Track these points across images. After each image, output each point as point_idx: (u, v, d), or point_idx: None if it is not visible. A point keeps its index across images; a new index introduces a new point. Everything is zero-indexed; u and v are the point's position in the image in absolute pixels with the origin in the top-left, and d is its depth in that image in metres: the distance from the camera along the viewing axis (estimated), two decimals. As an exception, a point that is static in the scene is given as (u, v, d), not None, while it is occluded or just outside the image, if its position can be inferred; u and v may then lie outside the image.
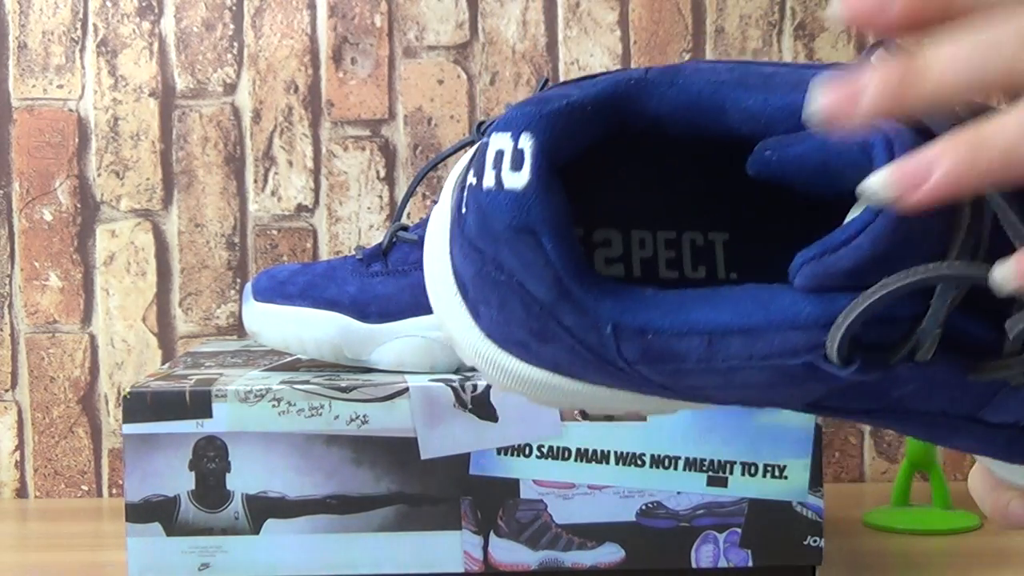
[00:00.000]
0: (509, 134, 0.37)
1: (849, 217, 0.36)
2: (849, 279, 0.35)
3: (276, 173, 1.12)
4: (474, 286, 0.39)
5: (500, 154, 0.37)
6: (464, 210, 0.38)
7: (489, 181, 0.37)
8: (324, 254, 1.12)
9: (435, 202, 0.89)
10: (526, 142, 0.36)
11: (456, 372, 0.83)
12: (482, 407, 0.77)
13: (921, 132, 0.35)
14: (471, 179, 0.38)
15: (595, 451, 0.78)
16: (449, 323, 0.41)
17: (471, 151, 0.40)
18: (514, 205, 0.36)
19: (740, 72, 0.38)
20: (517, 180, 0.36)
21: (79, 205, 1.11)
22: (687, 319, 0.36)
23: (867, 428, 1.13)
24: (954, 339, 0.36)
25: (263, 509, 0.78)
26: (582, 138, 0.37)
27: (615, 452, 0.78)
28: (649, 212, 0.42)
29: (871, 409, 0.38)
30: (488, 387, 0.77)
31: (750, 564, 0.78)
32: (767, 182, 0.38)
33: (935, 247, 0.35)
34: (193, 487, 0.78)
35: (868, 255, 0.34)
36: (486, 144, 0.37)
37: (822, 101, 0.33)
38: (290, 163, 1.12)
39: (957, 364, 0.36)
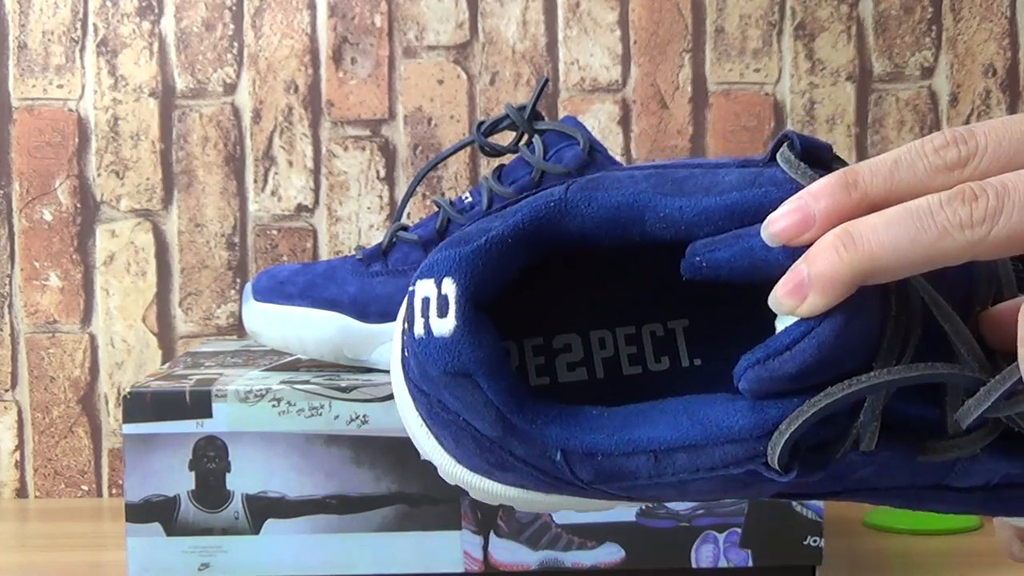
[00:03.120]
0: (432, 280, 0.37)
1: (779, 322, 0.37)
2: (792, 383, 0.35)
3: (276, 173, 1.12)
4: (430, 421, 0.39)
5: (426, 301, 0.37)
6: (405, 354, 0.39)
7: (419, 329, 0.37)
8: (324, 254, 1.12)
9: (435, 202, 0.89)
10: (449, 287, 0.37)
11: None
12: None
13: None
14: (404, 326, 0.38)
15: (595, 451, 0.78)
16: (423, 447, 0.41)
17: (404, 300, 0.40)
18: (444, 351, 0.37)
19: (656, 179, 0.38)
20: (444, 326, 0.37)
21: (79, 205, 1.11)
22: (631, 439, 0.37)
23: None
24: (897, 423, 0.36)
25: (263, 509, 0.78)
26: (507, 270, 0.38)
27: (615, 452, 0.78)
28: (605, 310, 0.42)
29: (837, 491, 0.39)
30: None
31: (750, 564, 0.78)
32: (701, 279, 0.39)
33: (871, 347, 0.35)
34: (193, 487, 0.78)
35: (813, 360, 0.35)
36: (412, 292, 0.38)
37: (780, 297, 0.36)
38: (290, 163, 1.12)
39: (904, 448, 0.37)
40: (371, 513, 0.78)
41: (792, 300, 0.35)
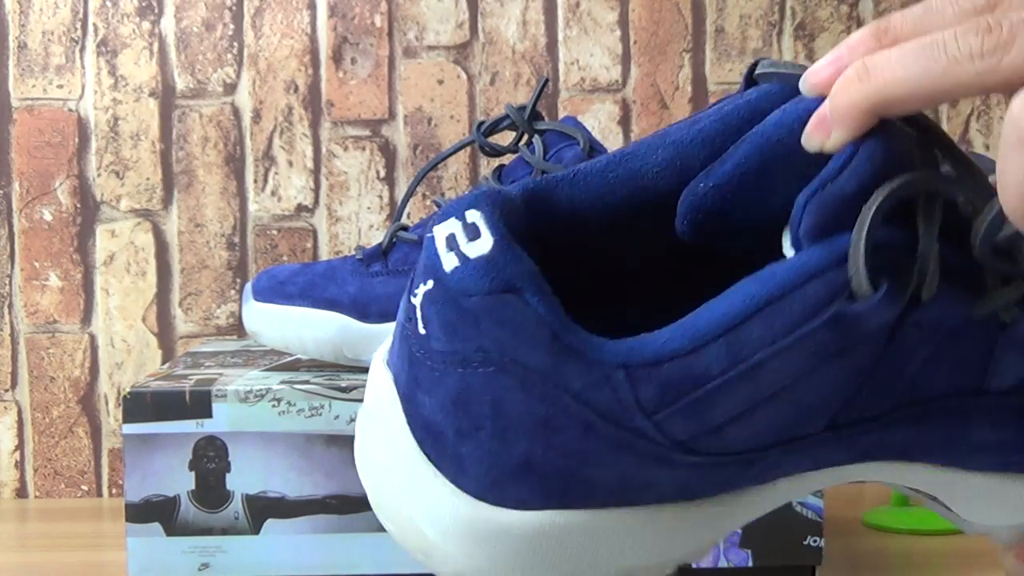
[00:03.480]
0: (452, 218, 0.35)
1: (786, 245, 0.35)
2: (853, 203, 0.34)
3: (276, 173, 1.12)
4: (456, 415, 0.34)
5: (451, 237, 0.34)
6: (423, 331, 0.35)
7: (450, 263, 0.34)
8: (324, 254, 1.12)
9: (435, 202, 0.89)
10: (474, 215, 0.35)
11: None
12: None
13: None
14: (420, 290, 0.35)
15: (595, 451, 0.78)
16: (418, 510, 0.36)
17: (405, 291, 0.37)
18: (487, 268, 0.34)
19: (639, 143, 0.38)
20: (481, 246, 0.34)
21: (79, 205, 1.11)
22: (697, 327, 0.34)
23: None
24: (949, 273, 0.35)
25: (263, 509, 0.78)
26: (517, 224, 0.36)
27: (615, 452, 0.78)
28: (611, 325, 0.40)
29: (891, 411, 0.37)
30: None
31: (750, 564, 0.78)
32: (704, 234, 0.37)
33: (917, 163, 0.35)
34: (193, 487, 0.78)
35: (868, 173, 0.34)
36: (431, 239, 0.35)
37: (807, 134, 0.36)
38: (290, 163, 1.12)
39: (960, 299, 0.35)
40: (371, 513, 0.78)
41: (818, 134, 0.36)
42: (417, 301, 0.35)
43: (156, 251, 1.12)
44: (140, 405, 0.77)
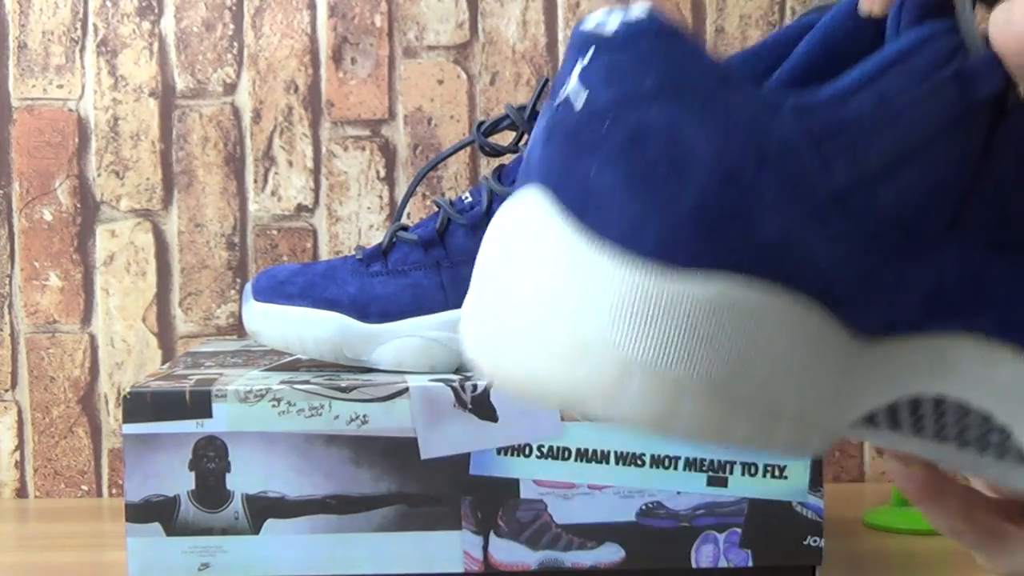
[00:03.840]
0: (596, 15, 0.35)
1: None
2: None
3: (276, 173, 1.12)
4: (628, 157, 0.33)
5: (602, 20, 0.35)
6: (585, 102, 0.34)
7: (610, 27, 0.34)
8: (324, 254, 1.12)
9: (435, 202, 0.89)
10: (619, 11, 0.35)
11: (456, 372, 0.83)
12: (482, 407, 0.77)
13: None
14: (572, 76, 0.35)
15: (595, 451, 0.78)
16: (575, 301, 0.33)
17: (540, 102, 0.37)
18: (651, 19, 0.34)
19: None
20: (637, 11, 0.34)
21: (79, 205, 1.11)
22: (845, 82, 0.35)
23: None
24: None
25: (263, 509, 0.78)
26: None
27: (615, 452, 0.78)
28: None
29: (995, 226, 0.36)
30: (488, 387, 0.77)
31: (750, 564, 0.78)
32: None
33: None
34: (193, 487, 0.78)
35: None
36: (577, 33, 0.35)
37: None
38: (290, 163, 1.12)
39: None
40: (371, 513, 0.78)
41: None
42: (571, 84, 0.34)
43: (156, 251, 1.12)
44: (140, 405, 0.77)
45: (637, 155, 0.33)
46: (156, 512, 0.78)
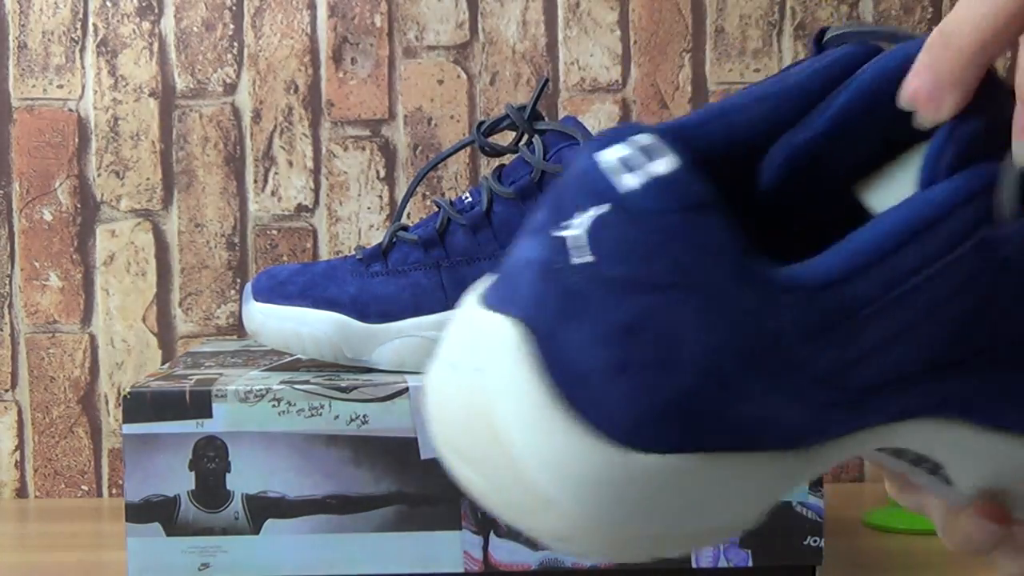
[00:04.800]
0: (618, 144, 0.33)
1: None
2: (993, 135, 0.35)
3: (276, 173, 1.12)
4: (620, 345, 0.33)
5: (624, 159, 0.33)
6: (591, 258, 0.33)
7: (630, 182, 0.32)
8: (324, 254, 1.12)
9: (435, 202, 0.89)
10: (648, 139, 0.33)
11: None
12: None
13: None
14: (583, 217, 0.33)
15: (595, 451, 0.78)
16: (535, 459, 0.34)
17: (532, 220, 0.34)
18: (677, 186, 0.32)
19: (738, 97, 0.38)
20: (664, 165, 0.32)
21: (79, 205, 1.11)
22: (853, 256, 0.33)
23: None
24: None
25: (263, 509, 0.78)
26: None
27: (615, 452, 0.78)
28: None
29: (969, 357, 0.36)
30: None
31: (750, 564, 0.78)
32: (789, 190, 0.37)
33: None
34: (193, 487, 0.78)
35: (1007, 105, 0.36)
36: (593, 163, 0.33)
37: (919, 113, 0.37)
38: (290, 163, 1.12)
39: None
40: (371, 513, 0.78)
41: (930, 108, 0.36)
42: (577, 231, 0.33)
43: (156, 251, 1.12)
44: (140, 405, 0.77)
45: (631, 344, 0.33)
46: (156, 512, 0.78)
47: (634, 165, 0.33)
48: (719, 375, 0.33)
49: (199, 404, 0.77)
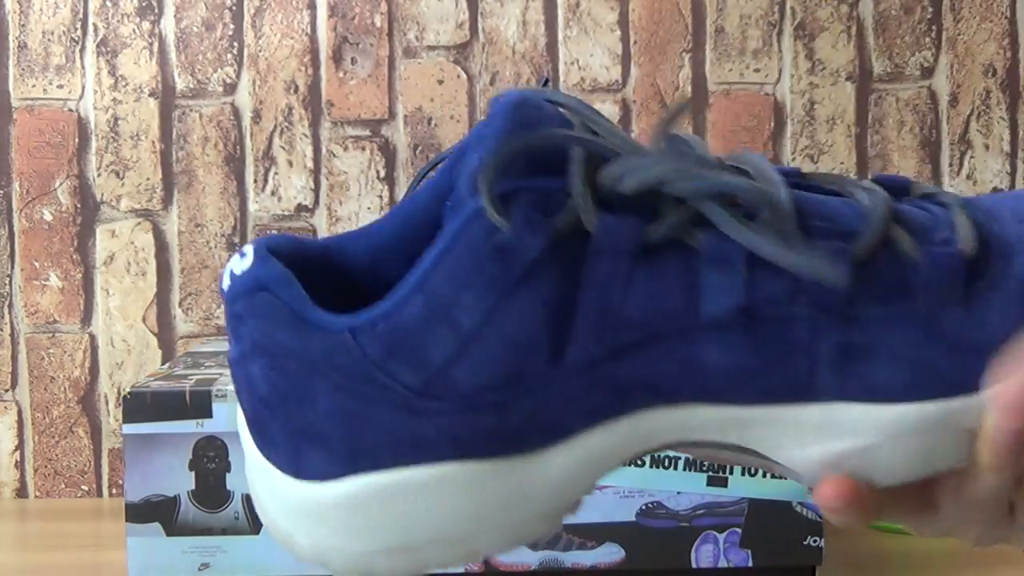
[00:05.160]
0: (236, 255, 0.42)
1: None
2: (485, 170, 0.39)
3: (276, 173, 1.12)
4: (255, 405, 0.41)
5: (231, 267, 0.41)
6: (231, 344, 0.42)
7: (227, 283, 0.41)
8: (324, 254, 1.12)
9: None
10: (247, 248, 0.41)
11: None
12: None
13: None
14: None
15: (595, 451, 0.78)
16: (267, 501, 0.42)
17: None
18: (247, 276, 0.40)
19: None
20: (245, 263, 0.41)
21: (79, 205, 1.11)
22: (400, 289, 0.39)
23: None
24: (616, 208, 0.40)
25: (263, 509, 0.78)
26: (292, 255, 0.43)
27: (615, 452, 0.78)
28: None
29: (621, 344, 0.40)
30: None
31: (750, 564, 0.78)
32: None
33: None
34: (193, 487, 0.78)
35: (492, 142, 0.40)
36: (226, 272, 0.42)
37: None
38: (290, 163, 1.12)
39: (633, 226, 0.39)
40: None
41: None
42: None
43: (156, 251, 1.12)
44: (140, 405, 0.77)
45: (258, 402, 0.41)
46: (156, 512, 0.78)
47: (230, 268, 0.41)
48: (323, 411, 0.39)
49: (199, 404, 0.77)
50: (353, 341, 0.39)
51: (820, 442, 0.41)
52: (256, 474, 0.42)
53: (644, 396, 0.40)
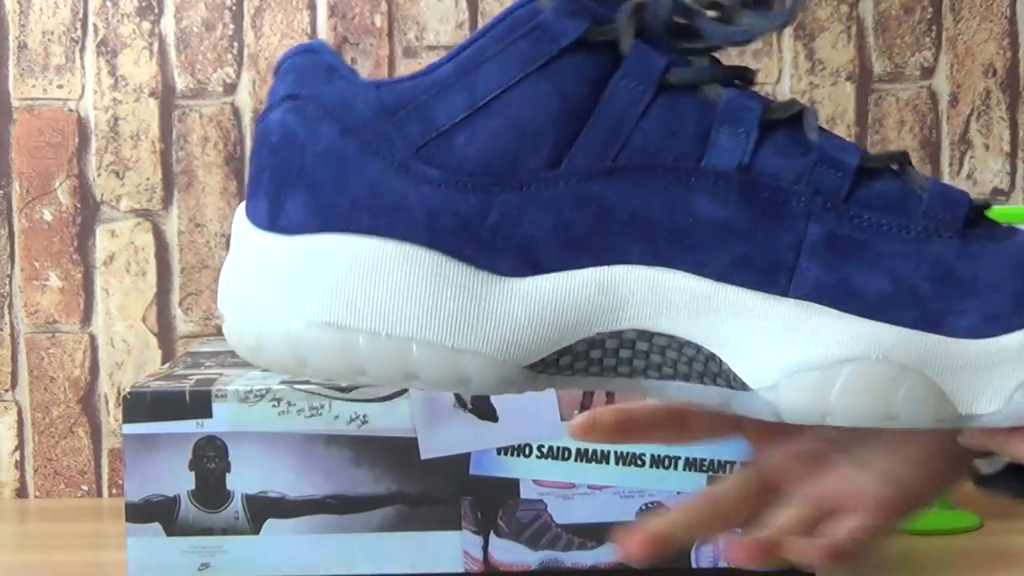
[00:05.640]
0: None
1: None
2: None
3: (276, 173, 1.12)
4: (258, 152, 0.42)
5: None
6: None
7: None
8: (324, 254, 1.12)
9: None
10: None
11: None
12: (482, 407, 0.77)
13: None
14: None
15: (595, 451, 0.78)
16: (235, 260, 0.42)
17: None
18: (299, 46, 0.42)
19: None
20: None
21: (79, 205, 1.11)
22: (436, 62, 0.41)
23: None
24: (650, 37, 0.41)
25: (263, 509, 0.78)
26: None
27: (615, 452, 0.78)
28: None
29: (616, 164, 0.40)
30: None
31: (750, 564, 0.78)
32: None
33: None
34: (193, 487, 0.78)
35: None
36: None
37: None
38: (290, 163, 1.12)
39: (658, 60, 0.40)
40: (371, 513, 0.78)
41: None
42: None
43: (156, 251, 1.12)
44: (140, 405, 0.77)
45: (261, 152, 0.41)
46: (156, 512, 0.78)
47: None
48: (317, 153, 0.40)
49: (199, 404, 0.77)
50: (375, 90, 0.40)
51: (783, 345, 0.40)
52: (234, 244, 0.42)
53: (623, 236, 0.40)
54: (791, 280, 0.40)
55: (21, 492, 1.12)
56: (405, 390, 0.77)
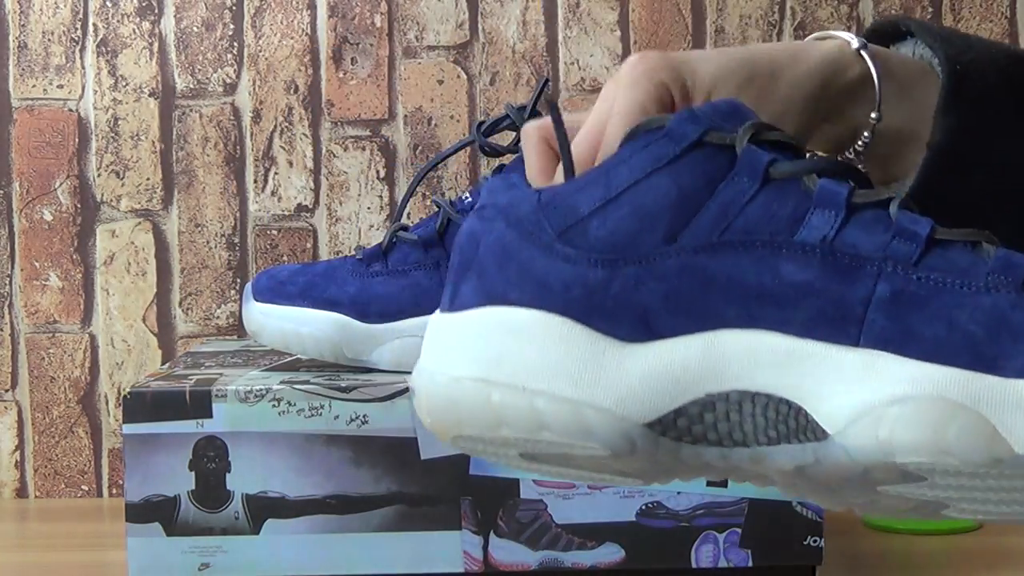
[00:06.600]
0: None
1: None
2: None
3: (276, 173, 1.12)
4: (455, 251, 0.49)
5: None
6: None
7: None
8: (324, 254, 1.12)
9: (435, 202, 0.89)
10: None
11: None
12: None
13: None
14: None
15: (595, 451, 0.78)
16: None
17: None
18: (500, 176, 0.49)
19: None
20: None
21: (79, 205, 1.11)
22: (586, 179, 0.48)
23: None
24: (763, 144, 0.48)
25: (263, 509, 0.78)
26: None
27: (615, 452, 0.78)
28: None
29: (721, 238, 0.46)
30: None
31: (750, 564, 0.78)
32: None
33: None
34: (193, 487, 0.78)
35: None
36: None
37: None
38: (290, 163, 1.12)
39: (765, 160, 0.48)
40: (371, 513, 0.78)
41: None
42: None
43: (156, 251, 1.12)
44: (140, 405, 0.77)
45: (455, 252, 0.48)
46: (156, 512, 0.78)
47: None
48: (494, 243, 0.47)
49: (199, 404, 0.77)
50: (536, 195, 0.47)
51: (851, 392, 0.44)
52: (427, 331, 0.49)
53: (721, 301, 0.46)
54: (860, 332, 0.45)
55: (21, 492, 1.12)
56: (405, 390, 0.77)
